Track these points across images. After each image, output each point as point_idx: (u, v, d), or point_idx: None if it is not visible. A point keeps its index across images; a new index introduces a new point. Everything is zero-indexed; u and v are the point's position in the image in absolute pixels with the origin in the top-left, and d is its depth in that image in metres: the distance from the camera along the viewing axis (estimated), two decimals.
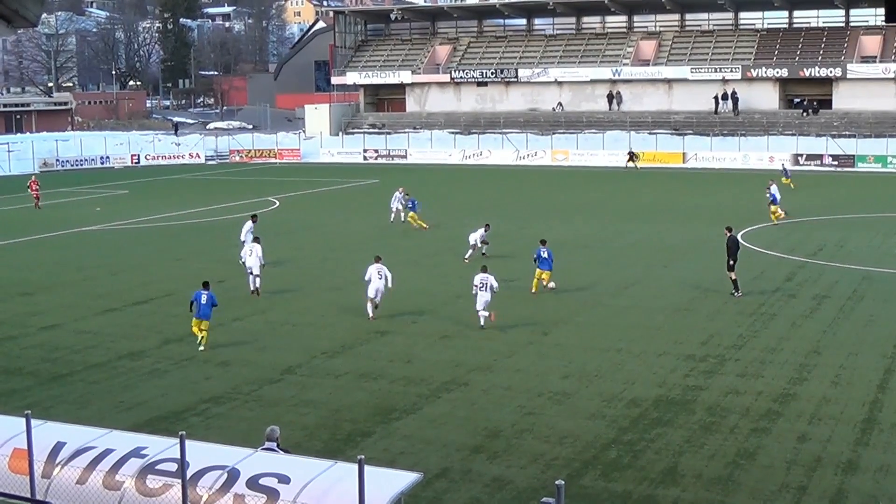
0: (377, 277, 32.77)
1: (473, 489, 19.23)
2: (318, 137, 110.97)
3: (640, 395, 24.71)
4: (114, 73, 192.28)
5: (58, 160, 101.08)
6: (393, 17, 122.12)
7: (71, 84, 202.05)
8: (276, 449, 16.02)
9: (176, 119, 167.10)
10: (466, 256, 42.85)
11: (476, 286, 31.75)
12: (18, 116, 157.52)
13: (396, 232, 51.12)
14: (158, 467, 13.84)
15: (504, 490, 19.21)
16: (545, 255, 36.76)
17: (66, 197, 73.19)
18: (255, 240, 39.12)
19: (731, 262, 35.97)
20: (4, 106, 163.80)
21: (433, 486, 19.02)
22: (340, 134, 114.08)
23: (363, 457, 11.76)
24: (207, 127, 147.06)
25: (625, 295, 36.74)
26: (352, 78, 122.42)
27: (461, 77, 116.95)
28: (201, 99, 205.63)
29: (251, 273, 37.49)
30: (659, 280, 38.99)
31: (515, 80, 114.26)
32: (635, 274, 40.35)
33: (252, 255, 37.36)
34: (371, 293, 32.81)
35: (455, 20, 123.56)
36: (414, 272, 40.94)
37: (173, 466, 13.53)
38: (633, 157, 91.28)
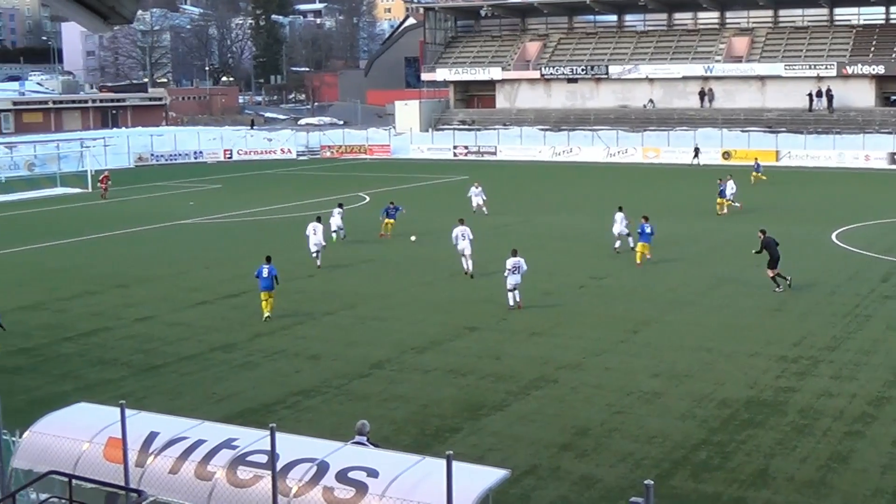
0: (462, 238, 36.66)
1: (561, 487, 19.17)
2: (407, 133, 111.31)
3: (730, 395, 24.43)
4: (207, 69, 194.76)
5: (152, 155, 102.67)
6: (483, 13, 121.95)
7: (165, 80, 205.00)
8: (367, 443, 16.12)
9: (267, 115, 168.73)
10: (616, 246, 43.89)
11: (508, 269, 33.62)
12: (114, 112, 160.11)
13: (485, 228, 51.03)
14: (249, 459, 13.99)
15: (592, 489, 19.12)
16: (648, 230, 40.80)
17: (161, 191, 74.29)
18: (318, 219, 43.17)
19: (771, 261, 36.34)
20: (101, 101, 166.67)
21: (521, 484, 19.00)
22: (430, 130, 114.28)
23: (451, 452, 11.76)
24: (299, 123, 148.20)
25: (715, 294, 36.33)
26: (442, 74, 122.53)
27: (551, 73, 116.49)
28: (293, 95, 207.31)
29: (318, 249, 41.80)
30: (750, 279, 38.46)
31: (606, 76, 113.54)
32: (726, 273, 39.87)
33: (316, 234, 41.77)
34: (463, 249, 36.65)
35: (545, 16, 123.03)
36: (503, 268, 40.86)
37: (263, 458, 13.66)
38: (697, 152, 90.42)
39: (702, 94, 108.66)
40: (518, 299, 33.95)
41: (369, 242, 46.83)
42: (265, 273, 32.74)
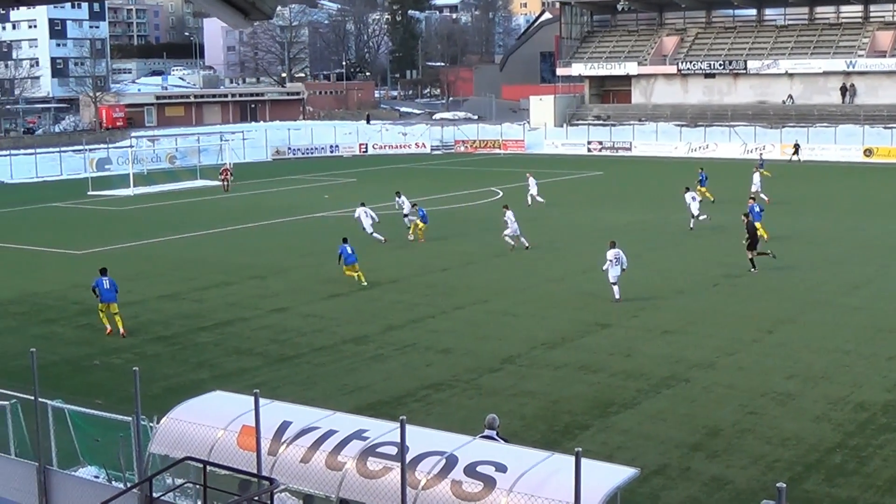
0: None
1: (691, 487, 18.93)
2: (542, 129, 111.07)
3: (868, 398, 23.82)
4: (344, 63, 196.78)
5: (289, 148, 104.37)
6: (620, 7, 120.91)
7: (303, 74, 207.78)
8: (497, 437, 16.13)
9: (402, 109, 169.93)
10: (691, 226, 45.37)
11: (610, 260, 34.14)
12: (253, 106, 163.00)
13: (619, 225, 50.69)
14: (379, 450, 14.10)
15: (723, 490, 18.84)
16: (758, 209, 43.39)
17: (297, 184, 75.40)
18: (362, 204, 47.39)
19: (751, 243, 38.79)
20: (240, 95, 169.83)
21: (650, 483, 18.82)
22: (565, 125, 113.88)
23: (580, 449, 11.69)
24: (433, 117, 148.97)
25: (855, 294, 35.45)
26: (577, 69, 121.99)
27: (688, 69, 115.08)
28: (428, 90, 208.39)
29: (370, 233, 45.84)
30: (893, 280, 37.48)
31: (744, 71, 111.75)
32: (867, 273, 38.88)
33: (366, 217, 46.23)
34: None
35: (683, 10, 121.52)
36: (635, 265, 40.56)
37: (393, 450, 13.75)
38: (797, 149, 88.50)
39: (843, 90, 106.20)
40: (617, 297, 34.13)
41: (495, 236, 46.83)
42: (349, 251, 37.41)
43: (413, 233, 48.03)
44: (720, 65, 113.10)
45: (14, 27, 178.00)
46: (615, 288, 34.22)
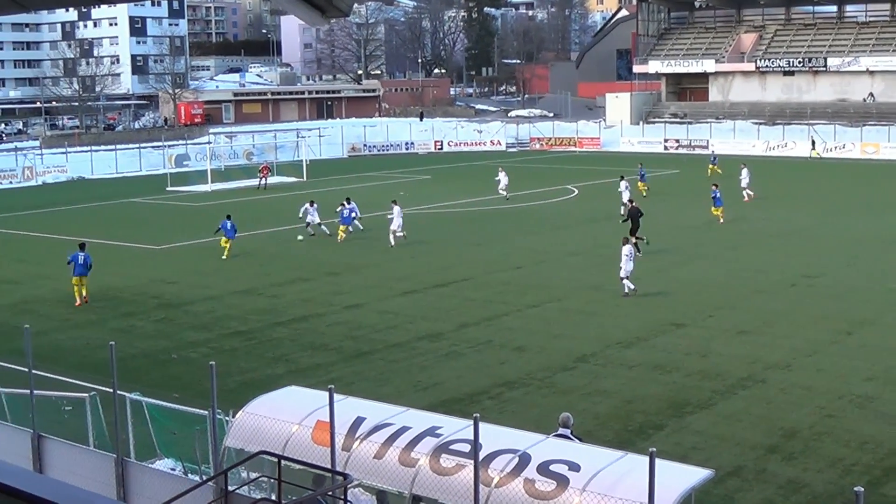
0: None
1: (767, 490, 18.73)
2: (618, 126, 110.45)
3: None
4: (420, 61, 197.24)
5: (365, 145, 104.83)
6: (697, 4, 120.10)
7: (379, 72, 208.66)
8: (571, 436, 16.08)
9: (478, 106, 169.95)
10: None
11: (626, 255, 34.50)
12: (329, 103, 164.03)
13: (698, 224, 50.29)
14: (452, 447, 14.11)
15: (799, 493, 18.62)
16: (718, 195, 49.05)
17: (372, 181, 75.70)
18: (394, 202, 47.67)
19: (633, 229, 41.79)
20: (317, 93, 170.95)
21: (725, 484, 18.65)
22: (641, 123, 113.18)
23: (654, 449, 11.62)
24: (509, 115, 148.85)
25: None
26: (654, 66, 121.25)
27: (767, 66, 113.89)
28: (503, 87, 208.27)
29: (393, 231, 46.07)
30: None
31: (824, 69, 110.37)
32: None
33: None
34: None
35: (761, 7, 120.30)
36: (712, 265, 40.28)
37: (466, 447, 13.76)
38: (814, 144, 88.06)
39: None
40: (628, 288, 34.71)
41: (578, 236, 46.69)
42: (229, 226, 43.21)
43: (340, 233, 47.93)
44: (799, 62, 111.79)
45: (96, 25, 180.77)
46: (626, 283, 34.64)
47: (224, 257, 43.44)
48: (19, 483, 6.82)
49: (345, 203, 48.89)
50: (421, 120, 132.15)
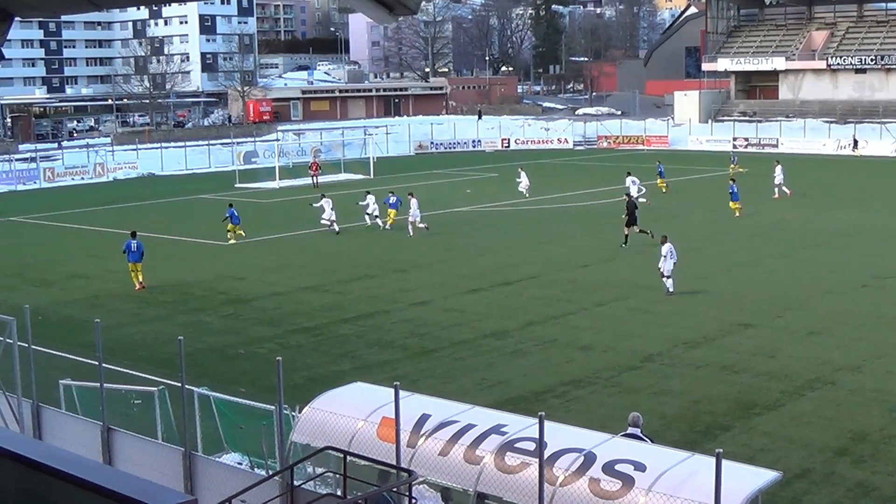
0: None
1: (835, 493, 18.50)
2: (686, 124, 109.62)
3: None
4: (487, 58, 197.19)
5: (432, 143, 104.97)
6: (767, 1, 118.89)
7: (446, 69, 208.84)
8: (641, 435, 15.99)
9: (545, 104, 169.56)
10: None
11: (663, 255, 34.35)
12: (397, 101, 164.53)
13: (765, 223, 49.80)
14: (517, 445, 14.10)
15: (868, 496, 18.37)
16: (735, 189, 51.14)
17: (439, 178, 75.82)
18: (410, 194, 49.57)
19: (628, 219, 43.62)
20: (384, 90, 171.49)
21: (793, 487, 18.44)
22: (709, 121, 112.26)
23: (721, 450, 11.52)
24: (576, 113, 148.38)
25: None
26: (723, 64, 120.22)
27: (838, 64, 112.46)
28: (571, 85, 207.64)
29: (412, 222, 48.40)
30: None
31: None
32: None
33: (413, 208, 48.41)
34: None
35: (833, 4, 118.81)
36: (781, 265, 39.87)
37: (531, 446, 13.72)
38: (856, 143, 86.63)
39: None
40: (670, 287, 34.56)
41: (639, 235, 46.39)
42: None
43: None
44: (871, 60, 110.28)
45: (166, 23, 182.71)
46: (668, 282, 34.47)
47: (232, 242, 47.08)
48: (89, 475, 6.91)
49: (390, 194, 51.30)
50: (479, 118, 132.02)
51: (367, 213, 51.36)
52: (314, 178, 73.19)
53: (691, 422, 22.33)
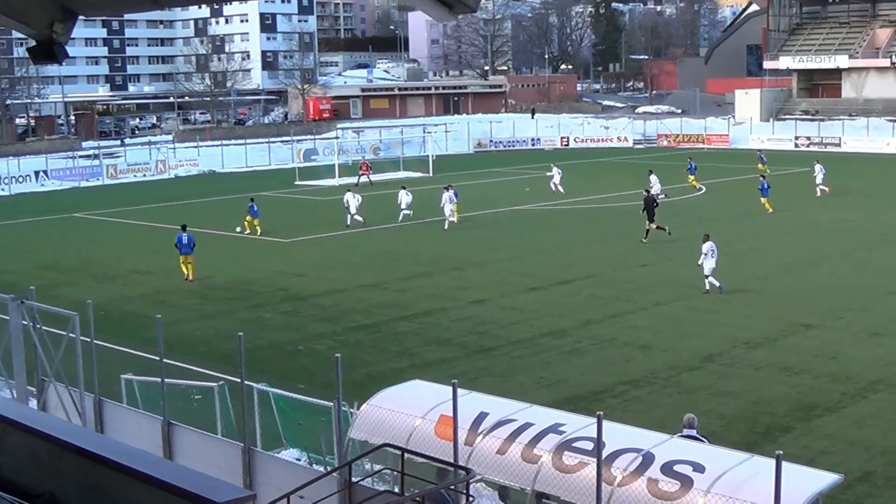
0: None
1: None
2: (747, 123, 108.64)
3: None
4: (546, 56, 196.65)
5: (491, 141, 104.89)
6: None
7: (505, 68, 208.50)
8: (697, 436, 15.91)
9: (605, 102, 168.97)
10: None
11: (704, 254, 34.41)
12: (456, 99, 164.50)
13: (825, 223, 49.29)
14: (575, 445, 14.06)
15: None
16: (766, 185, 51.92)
17: (498, 176, 75.76)
18: (447, 188, 51.01)
19: (647, 215, 44.59)
20: (443, 88, 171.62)
21: (854, 490, 18.24)
22: (771, 120, 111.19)
23: (781, 452, 11.42)
24: (636, 111, 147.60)
25: None
26: (785, 62, 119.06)
27: None
28: (631, 83, 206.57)
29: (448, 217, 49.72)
30: None
31: None
32: None
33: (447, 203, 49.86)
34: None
35: None
36: (843, 266, 39.45)
37: (589, 445, 13.69)
38: None
39: None
40: (718, 284, 34.43)
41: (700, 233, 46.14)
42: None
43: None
44: None
45: (227, 22, 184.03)
46: (708, 280, 34.52)
47: (248, 232, 49.29)
48: (150, 469, 6.98)
49: (448, 188, 51.84)
50: (532, 117, 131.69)
51: (402, 210, 52.62)
52: (365, 177, 73.16)
53: (751, 423, 22.16)
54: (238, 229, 49.99)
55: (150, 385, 20.54)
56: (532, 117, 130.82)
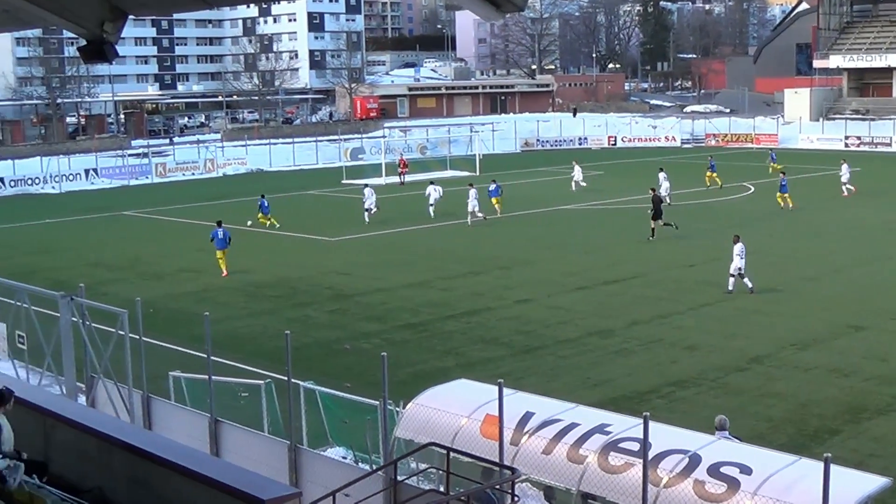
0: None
1: None
2: (797, 123, 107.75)
3: None
4: (594, 55, 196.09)
5: (538, 140, 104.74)
6: None
7: (553, 67, 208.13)
8: (730, 437, 15.83)
9: (653, 102, 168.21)
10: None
11: (737, 255, 34.34)
12: (503, 98, 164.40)
13: (870, 225, 48.80)
14: (621, 445, 14.02)
15: None
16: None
17: (545, 176, 75.62)
18: (470, 185, 52.46)
19: (655, 214, 45.27)
20: (491, 87, 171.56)
21: None
22: (821, 119, 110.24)
23: (829, 455, 11.31)
24: (684, 110, 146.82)
25: None
26: (835, 61, 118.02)
27: None
28: (679, 82, 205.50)
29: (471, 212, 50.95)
30: None
31: None
32: None
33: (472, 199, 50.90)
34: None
35: None
36: (893, 267, 39.03)
37: (635, 446, 13.64)
38: None
39: None
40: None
41: (752, 234, 45.86)
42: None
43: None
44: None
45: (275, 21, 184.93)
46: (735, 280, 34.52)
47: (269, 224, 50.81)
48: (197, 465, 7.03)
49: (492, 182, 53.52)
50: (574, 116, 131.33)
51: (430, 205, 53.84)
52: (401, 175, 73.35)
53: (799, 425, 21.99)
54: (249, 223, 51.25)
55: (197, 382, 20.68)
56: (574, 116, 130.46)
